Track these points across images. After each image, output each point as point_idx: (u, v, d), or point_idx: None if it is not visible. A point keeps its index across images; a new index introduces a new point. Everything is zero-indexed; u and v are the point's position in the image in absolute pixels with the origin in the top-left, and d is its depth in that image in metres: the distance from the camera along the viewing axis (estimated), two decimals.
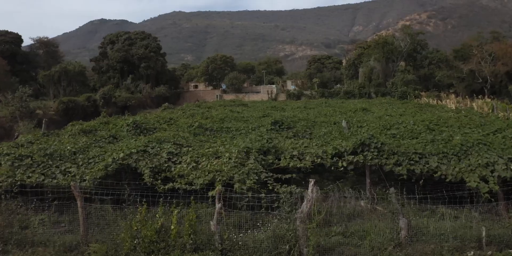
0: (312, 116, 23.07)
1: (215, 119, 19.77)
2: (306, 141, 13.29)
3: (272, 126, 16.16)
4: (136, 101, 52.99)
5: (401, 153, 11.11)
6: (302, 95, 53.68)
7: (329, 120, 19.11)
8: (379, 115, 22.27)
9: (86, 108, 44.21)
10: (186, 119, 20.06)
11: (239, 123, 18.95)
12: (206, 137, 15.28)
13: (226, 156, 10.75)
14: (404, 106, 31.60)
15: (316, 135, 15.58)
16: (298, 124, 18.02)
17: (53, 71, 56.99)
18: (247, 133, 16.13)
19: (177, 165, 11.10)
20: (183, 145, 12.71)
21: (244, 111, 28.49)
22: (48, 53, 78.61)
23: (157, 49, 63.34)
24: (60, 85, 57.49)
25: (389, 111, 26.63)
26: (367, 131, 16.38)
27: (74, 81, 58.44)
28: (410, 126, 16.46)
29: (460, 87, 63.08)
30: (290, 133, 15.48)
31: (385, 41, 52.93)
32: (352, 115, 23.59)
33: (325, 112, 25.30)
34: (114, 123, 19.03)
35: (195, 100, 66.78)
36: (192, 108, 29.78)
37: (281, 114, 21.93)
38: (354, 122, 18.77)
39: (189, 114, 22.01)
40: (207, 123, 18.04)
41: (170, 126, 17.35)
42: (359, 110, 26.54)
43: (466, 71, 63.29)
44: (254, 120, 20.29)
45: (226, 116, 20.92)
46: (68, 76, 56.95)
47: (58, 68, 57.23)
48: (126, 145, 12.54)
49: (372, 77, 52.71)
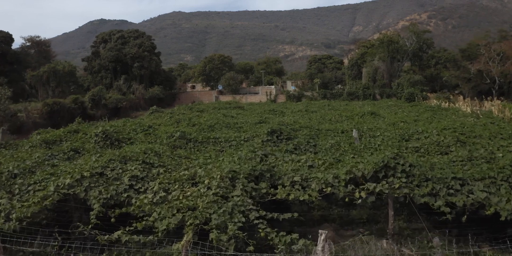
0: (315, 121, 20.36)
1: (203, 126, 17.06)
2: (310, 158, 10.58)
3: (268, 136, 13.43)
4: (128, 103, 50.18)
5: (436, 179, 8.40)
6: (303, 96, 50.86)
7: (335, 128, 16.39)
8: (392, 121, 19.55)
9: (73, 110, 41.42)
10: (169, 126, 17.32)
11: (231, 131, 16.24)
12: (188, 151, 12.56)
13: (205, 184, 8.05)
14: (414, 109, 28.89)
15: (321, 148, 12.87)
16: (300, 133, 15.31)
17: (41, 71, 54.22)
18: (238, 145, 13.43)
19: (141, 194, 8.41)
20: (154, 164, 9.99)
21: (239, 115, 25.78)
22: (39, 52, 75.90)
23: (151, 48, 60.50)
24: (49, 85, 54.73)
25: (401, 116, 23.94)
26: (382, 142, 13.68)
27: (64, 81, 55.64)
28: (434, 137, 13.75)
29: (465, 88, 60.53)
30: (290, 145, 12.76)
31: (390, 39, 50.16)
32: (360, 120, 20.87)
33: (329, 116, 22.57)
34: (84, 131, 16.29)
35: (192, 101, 64.02)
36: (182, 112, 27.02)
37: (279, 120, 19.22)
38: (365, 130, 16.05)
39: (175, 120, 19.32)
40: (192, 132, 15.31)
41: (148, 136, 14.63)
42: (367, 114, 23.83)
43: (474, 71, 60.76)
44: (248, 128, 17.59)
45: (216, 122, 18.20)
46: (57, 76, 54.15)
47: (46, 68, 54.43)
48: (79, 165, 9.85)
49: (377, 78, 49.93)
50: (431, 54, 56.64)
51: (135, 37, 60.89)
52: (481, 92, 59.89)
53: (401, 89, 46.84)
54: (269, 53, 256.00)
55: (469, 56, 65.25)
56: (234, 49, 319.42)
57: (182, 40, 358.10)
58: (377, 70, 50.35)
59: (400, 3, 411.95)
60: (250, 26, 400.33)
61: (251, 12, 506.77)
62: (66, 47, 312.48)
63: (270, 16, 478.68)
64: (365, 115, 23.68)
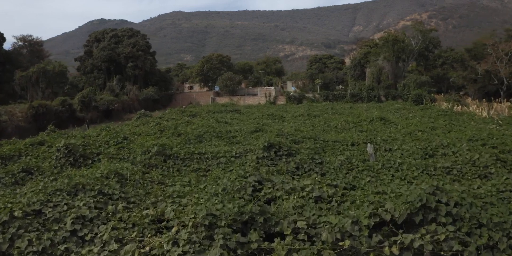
0: (318, 129, 17.98)
1: (190, 136, 14.68)
2: (317, 184, 8.25)
3: (265, 152, 11.06)
4: (120, 105, 47.74)
5: (493, 224, 6.07)
6: (304, 98, 48.38)
7: (344, 139, 14.02)
8: (407, 128, 17.18)
9: (60, 113, 38.98)
10: (150, 137, 14.94)
11: (221, 143, 13.89)
12: (165, 171, 10.20)
13: (171, 234, 5.70)
14: (426, 113, 26.52)
15: (329, 166, 10.51)
16: (302, 145, 12.95)
17: (31, 72, 51.78)
18: (228, 162, 11.08)
19: (85, 246, 6.06)
20: (113, 196, 7.64)
21: (235, 120, 23.40)
22: (32, 52, 73.59)
23: (146, 47, 58.02)
24: (39, 86, 52.29)
25: (414, 122, 21.56)
26: (402, 159, 11.33)
27: (54, 82, 53.19)
28: (465, 153, 11.38)
29: (471, 89, 58.28)
30: (291, 163, 10.41)
31: (395, 38, 47.73)
32: (369, 128, 18.49)
33: (334, 122, 20.19)
34: (51, 143, 13.92)
35: (188, 103, 61.67)
36: (172, 117, 24.60)
37: (278, 129, 16.87)
38: (378, 141, 13.68)
39: (160, 128, 16.98)
40: (175, 144, 12.94)
41: (121, 150, 12.26)
42: (376, 120, 21.44)
43: (481, 71, 58.50)
44: (242, 138, 15.22)
45: (206, 131, 15.82)
46: (46, 77, 51.71)
47: (36, 68, 51.98)
48: (18, 196, 7.50)
49: (381, 78, 47.49)
50: (438, 54, 54.27)
51: (129, 36, 58.46)
52: (488, 93, 57.69)
53: (407, 90, 44.44)
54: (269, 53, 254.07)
55: (476, 56, 63.03)
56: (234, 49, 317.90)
57: (182, 40, 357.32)
58: (382, 70, 47.91)
59: (400, 3, 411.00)
60: (250, 26, 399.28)
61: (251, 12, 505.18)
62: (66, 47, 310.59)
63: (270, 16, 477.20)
64: (374, 121, 21.30)
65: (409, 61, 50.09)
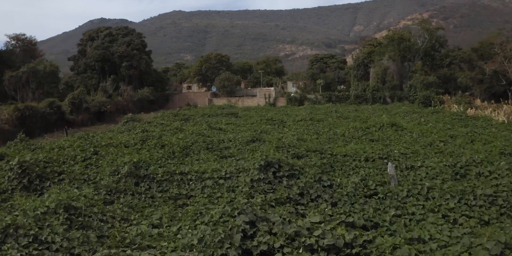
0: (324, 138, 15.88)
1: (175, 148, 12.59)
2: (328, 217, 6.22)
3: (261, 173, 8.99)
4: (112, 106, 45.58)
5: None
6: (305, 99, 46.19)
7: (355, 152, 11.92)
8: (426, 140, 15.08)
9: (48, 116, 36.88)
10: (128, 149, 12.84)
11: (210, 158, 11.79)
12: (135, 200, 8.12)
13: None
14: (438, 118, 24.42)
15: (341, 192, 8.44)
16: (307, 160, 10.87)
17: (21, 72, 49.66)
18: (215, 186, 9.01)
19: None
20: (51, 245, 5.58)
21: (230, 125, 21.31)
22: (25, 51, 71.44)
23: (141, 46, 55.82)
24: (29, 87, 50.19)
25: (428, 127, 19.48)
26: (429, 180, 9.27)
27: (45, 82, 51.06)
28: (504, 172, 9.32)
29: (477, 90, 56.24)
30: (294, 188, 8.35)
31: (401, 37, 45.58)
32: (380, 135, 16.39)
33: (340, 129, 18.07)
34: (12, 157, 11.83)
35: (186, 103, 59.60)
36: (161, 121, 22.46)
37: (278, 137, 14.79)
38: (396, 155, 11.59)
39: (143, 137, 14.87)
40: (155, 160, 10.86)
41: (88, 168, 10.19)
42: (386, 126, 19.35)
43: (489, 72, 56.47)
44: (236, 150, 13.14)
45: (195, 141, 13.72)
46: (37, 77, 49.59)
47: (26, 68, 49.85)
48: None
49: (386, 79, 45.34)
50: (445, 53, 52.15)
51: (124, 35, 56.30)
52: (495, 94, 55.69)
53: (414, 91, 42.30)
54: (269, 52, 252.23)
55: (482, 56, 60.97)
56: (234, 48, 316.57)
57: (182, 40, 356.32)
58: (387, 70, 45.76)
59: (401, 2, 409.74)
60: (250, 26, 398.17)
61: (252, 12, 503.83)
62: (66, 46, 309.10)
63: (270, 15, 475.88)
64: (385, 128, 19.21)
65: (415, 61, 47.96)
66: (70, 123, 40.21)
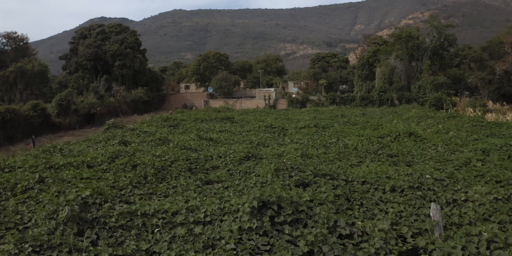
0: (333, 152, 13.24)
1: (149, 170, 9.96)
2: None
3: (254, 219, 6.38)
4: (104, 108, 42.90)
5: None
6: (308, 101, 43.46)
7: (377, 178, 9.30)
8: (458, 156, 12.43)
9: (31, 119, 34.26)
10: (89, 171, 10.19)
11: (191, 184, 9.17)
12: None
13: None
14: (458, 124, 21.76)
15: (368, 250, 5.85)
16: (316, 194, 8.30)
17: (8, 72, 47.02)
18: (187, 239, 6.44)
19: None
20: None
21: (223, 134, 18.67)
22: (17, 50, 68.87)
23: (135, 44, 53.09)
24: (17, 88, 47.57)
25: (451, 137, 16.85)
26: (484, 227, 6.65)
27: (33, 83, 48.44)
28: None
29: (486, 91, 53.69)
30: (301, 244, 5.78)
31: (409, 35, 42.87)
32: (400, 149, 13.73)
33: (351, 141, 15.43)
34: None
35: (182, 105, 57.01)
36: (146, 129, 19.74)
37: (278, 153, 12.17)
38: (429, 183, 8.96)
39: (114, 153, 12.16)
40: (115, 192, 8.24)
41: (23, 206, 7.59)
42: (403, 134, 16.72)
43: (500, 72, 53.90)
44: (225, 171, 10.51)
45: (175, 159, 11.09)
46: (25, 77, 46.95)
47: (13, 67, 47.20)
48: None
49: (393, 79, 42.63)
50: (455, 52, 49.46)
51: (117, 32, 53.59)
52: (504, 96, 53.27)
53: (423, 93, 39.61)
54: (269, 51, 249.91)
55: (491, 55, 58.44)
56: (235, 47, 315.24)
57: (182, 38, 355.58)
58: (394, 70, 43.04)
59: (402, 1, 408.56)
60: (251, 25, 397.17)
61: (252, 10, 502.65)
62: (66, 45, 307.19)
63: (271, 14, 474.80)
64: (401, 137, 16.60)
65: (423, 60, 45.27)
66: (56, 127, 37.56)
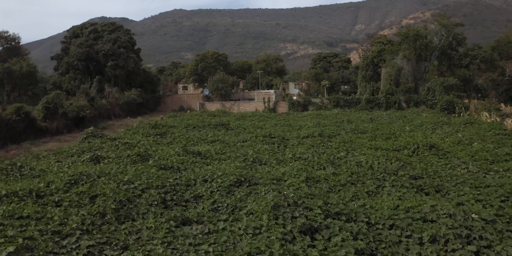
0: (345, 174, 10.92)
1: (109, 204, 7.66)
2: None
3: None
4: (94, 111, 40.55)
5: None
6: (310, 103, 41.04)
7: (409, 223, 6.96)
8: (496, 180, 10.12)
9: (14, 124, 31.94)
10: (31, 206, 7.87)
11: (158, 231, 6.83)
12: None
13: None
14: (479, 132, 19.43)
15: None
16: (329, 246, 5.97)
17: None
18: None
19: None
20: None
21: (214, 145, 16.36)
22: (9, 49, 66.69)
23: (128, 44, 50.71)
24: (4, 90, 45.25)
25: (477, 151, 14.55)
26: None
27: (21, 84, 46.13)
28: None
29: (493, 92, 51.43)
30: None
31: (417, 34, 40.50)
32: (425, 169, 11.38)
33: (365, 157, 13.04)
34: None
35: (179, 106, 54.72)
36: (128, 139, 17.42)
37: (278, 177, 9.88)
38: (479, 227, 6.63)
39: (74, 177, 9.79)
40: (58, 236, 5.92)
41: None
42: (423, 148, 14.39)
43: (510, 73, 51.70)
44: (208, 204, 8.16)
45: (147, 187, 8.74)
46: (12, 78, 44.64)
47: (0, 68, 44.90)
48: None
49: (400, 80, 40.27)
50: (464, 52, 47.10)
51: (110, 31, 51.26)
52: None
53: (432, 95, 37.26)
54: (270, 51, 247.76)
55: (500, 55, 56.28)
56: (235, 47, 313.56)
57: (182, 38, 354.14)
58: (401, 71, 40.67)
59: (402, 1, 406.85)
60: (252, 24, 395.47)
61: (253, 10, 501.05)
62: None
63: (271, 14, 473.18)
64: (421, 150, 14.28)
65: (431, 61, 42.91)
66: (43, 131, 35.18)
